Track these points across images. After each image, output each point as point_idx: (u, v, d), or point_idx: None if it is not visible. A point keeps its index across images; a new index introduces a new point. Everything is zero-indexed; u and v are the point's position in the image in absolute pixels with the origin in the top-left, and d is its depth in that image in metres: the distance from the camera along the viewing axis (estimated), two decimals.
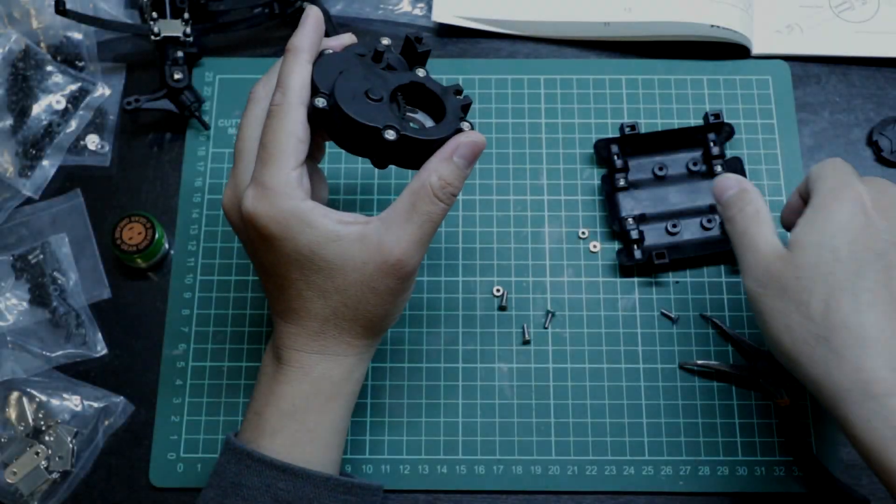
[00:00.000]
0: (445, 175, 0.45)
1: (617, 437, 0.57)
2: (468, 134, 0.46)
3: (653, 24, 0.66)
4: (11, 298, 0.61)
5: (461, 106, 0.48)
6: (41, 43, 0.68)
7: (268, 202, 0.44)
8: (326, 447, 0.48)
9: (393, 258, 0.44)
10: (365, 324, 0.47)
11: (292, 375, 0.47)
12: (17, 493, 0.56)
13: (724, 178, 0.52)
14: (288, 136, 0.45)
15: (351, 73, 0.47)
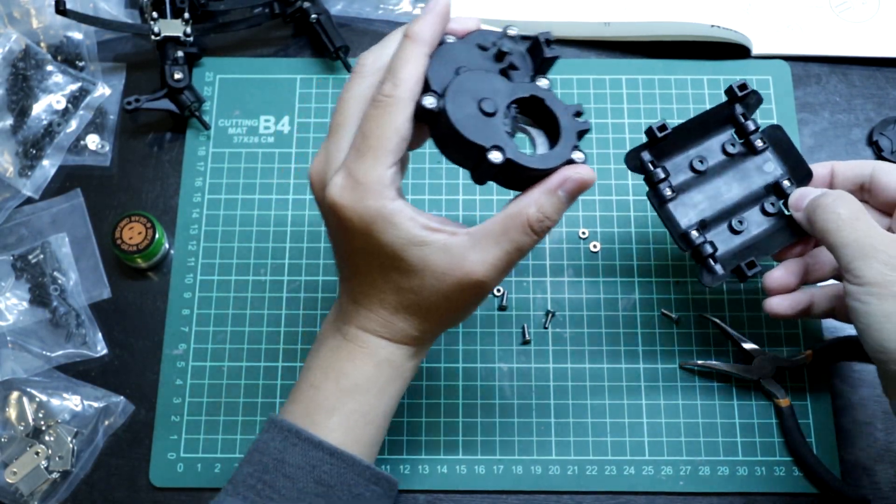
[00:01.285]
0: (546, 209, 0.43)
1: (617, 437, 0.57)
2: (578, 168, 0.43)
3: (653, 25, 0.66)
4: (11, 298, 0.61)
5: (578, 131, 0.44)
6: (41, 43, 0.68)
7: (356, 196, 0.42)
8: (377, 430, 0.47)
9: (473, 277, 0.43)
10: (435, 321, 0.46)
11: (357, 354, 0.46)
12: (17, 492, 0.56)
13: (797, 191, 0.51)
14: (393, 132, 0.42)
15: (468, 76, 0.43)
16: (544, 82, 0.45)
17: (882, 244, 0.44)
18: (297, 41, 0.69)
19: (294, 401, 0.47)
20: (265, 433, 0.47)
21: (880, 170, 0.51)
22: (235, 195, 0.64)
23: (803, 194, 0.50)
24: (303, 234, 0.63)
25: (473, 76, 0.43)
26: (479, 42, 0.45)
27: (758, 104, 0.55)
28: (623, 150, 0.64)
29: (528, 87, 0.44)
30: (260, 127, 0.66)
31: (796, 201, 0.51)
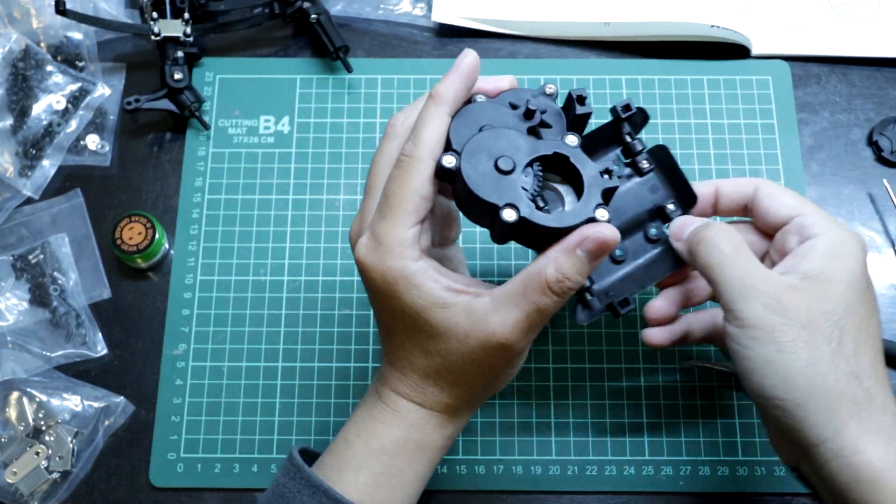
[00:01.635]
0: (565, 269, 0.41)
1: (617, 437, 0.57)
2: (598, 227, 0.41)
3: (653, 25, 0.66)
4: (11, 298, 0.61)
5: (603, 189, 0.42)
6: (41, 43, 0.68)
7: (378, 256, 0.42)
8: (406, 495, 0.47)
9: (495, 340, 0.42)
10: (466, 388, 0.45)
11: (388, 417, 0.46)
12: (17, 493, 0.56)
13: (678, 219, 0.48)
14: (412, 192, 0.42)
15: (489, 135, 0.42)
16: (572, 139, 0.43)
17: (763, 285, 0.42)
18: (297, 41, 0.69)
19: (328, 453, 0.48)
20: (293, 480, 0.46)
21: (763, 192, 0.48)
22: (235, 195, 0.64)
23: (685, 223, 0.47)
24: (303, 234, 0.63)
25: (493, 134, 0.42)
26: (512, 101, 0.45)
27: (644, 122, 0.50)
28: None
29: (552, 144, 0.43)
30: (260, 127, 0.66)
31: (678, 231, 0.48)
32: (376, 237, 0.42)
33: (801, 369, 0.41)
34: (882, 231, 0.62)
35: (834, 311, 0.42)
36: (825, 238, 0.44)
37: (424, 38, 0.69)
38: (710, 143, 0.64)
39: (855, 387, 0.41)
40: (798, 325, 0.41)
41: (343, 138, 0.65)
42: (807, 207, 0.46)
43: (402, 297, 0.42)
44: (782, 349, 0.41)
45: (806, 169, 0.64)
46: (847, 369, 0.41)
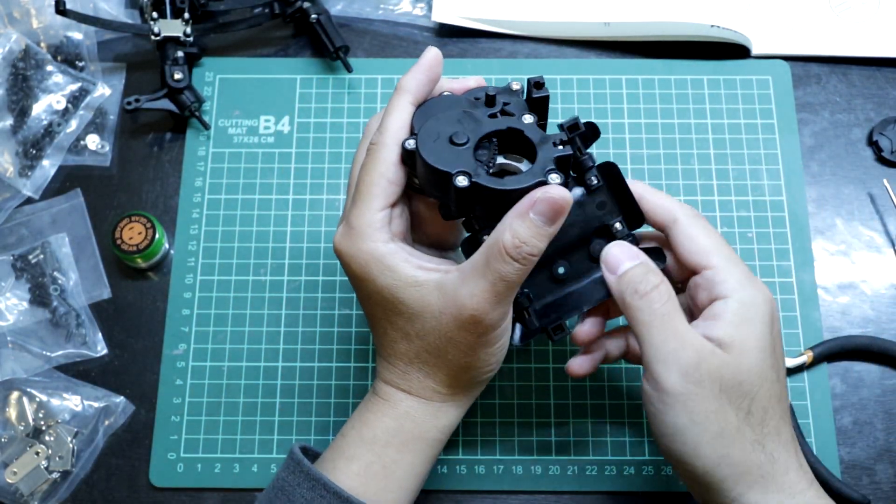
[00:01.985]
0: (520, 233, 0.41)
1: (617, 437, 0.57)
2: (548, 188, 0.41)
3: (653, 25, 0.66)
4: (11, 298, 0.61)
5: (556, 157, 0.43)
6: (41, 43, 0.68)
7: (351, 241, 0.44)
8: (400, 488, 0.47)
9: (466, 312, 0.43)
10: (449, 372, 0.46)
11: (379, 406, 0.47)
12: (17, 492, 0.56)
13: (614, 247, 0.46)
14: (379, 176, 0.44)
15: (446, 115, 0.44)
16: (528, 118, 0.45)
17: (685, 351, 0.42)
18: (297, 41, 0.69)
19: (328, 448, 0.49)
20: (292, 475, 0.47)
21: (681, 229, 0.47)
22: (235, 195, 0.64)
23: (619, 257, 0.46)
24: (303, 234, 0.63)
25: (450, 115, 0.45)
26: (477, 95, 0.47)
27: (595, 137, 0.47)
28: (623, 150, 0.64)
29: (506, 121, 0.45)
30: (260, 127, 0.66)
31: (613, 262, 0.46)
32: (349, 223, 0.45)
33: (710, 440, 0.42)
34: (882, 231, 0.62)
35: (747, 380, 0.43)
36: (734, 301, 0.44)
37: (424, 38, 0.69)
38: (710, 143, 0.64)
39: (759, 453, 0.43)
40: (711, 395, 0.42)
41: (343, 138, 0.65)
42: (719, 259, 0.46)
43: (376, 279, 0.44)
44: (694, 420, 0.42)
45: (806, 169, 0.64)
46: (752, 437, 0.43)
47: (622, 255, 0.46)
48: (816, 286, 0.60)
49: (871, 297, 0.60)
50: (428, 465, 0.49)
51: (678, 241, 0.47)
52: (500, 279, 0.42)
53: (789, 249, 0.61)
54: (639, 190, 0.48)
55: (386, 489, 0.46)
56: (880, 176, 0.63)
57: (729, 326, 0.44)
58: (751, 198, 0.63)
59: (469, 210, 0.44)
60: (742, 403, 0.43)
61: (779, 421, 0.44)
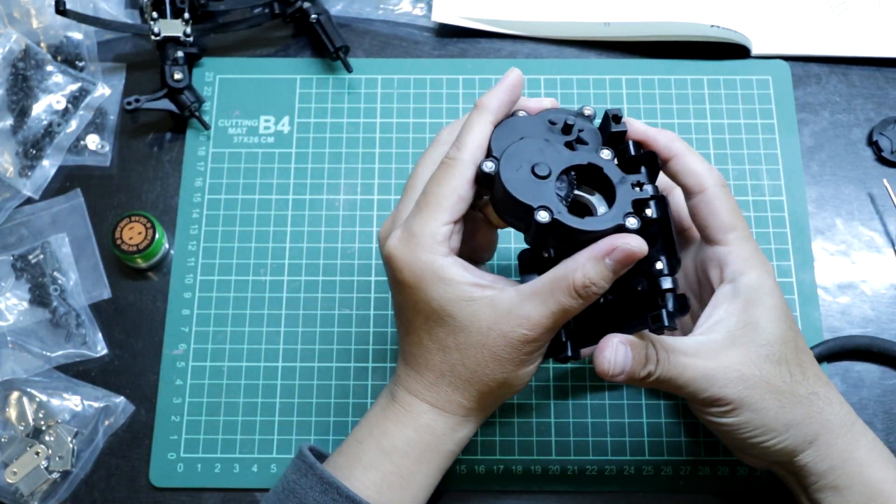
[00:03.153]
0: (591, 275, 0.42)
1: (617, 437, 0.57)
2: (628, 238, 0.41)
3: (653, 25, 0.66)
4: (11, 298, 0.61)
5: (634, 200, 0.43)
6: (41, 43, 0.68)
7: (408, 249, 0.44)
8: (414, 497, 0.47)
9: (519, 331, 0.43)
10: (480, 388, 0.46)
11: (400, 416, 0.47)
12: (17, 492, 0.56)
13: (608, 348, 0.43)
14: (451, 191, 0.44)
15: (528, 143, 0.44)
16: (606, 153, 0.45)
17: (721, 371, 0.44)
18: (297, 41, 0.69)
19: (339, 452, 0.48)
20: (304, 476, 0.47)
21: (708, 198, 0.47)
22: (235, 195, 0.64)
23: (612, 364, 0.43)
24: (303, 234, 0.63)
25: (531, 143, 0.44)
26: (551, 118, 0.46)
27: (658, 170, 0.47)
28: None
29: (587, 155, 0.44)
30: (260, 127, 0.66)
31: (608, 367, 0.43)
32: (410, 230, 0.44)
33: (774, 416, 0.45)
34: (882, 231, 0.62)
35: (776, 351, 0.45)
36: (744, 285, 0.46)
37: (424, 38, 0.69)
38: (710, 143, 0.64)
39: (817, 401, 0.46)
40: (756, 382, 0.45)
41: (343, 138, 0.65)
42: (734, 237, 0.47)
43: (429, 290, 0.44)
44: (755, 409, 0.45)
45: (806, 169, 0.64)
46: (805, 391, 0.46)
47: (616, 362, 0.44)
48: (816, 286, 0.61)
49: (871, 297, 0.60)
50: (440, 476, 0.49)
51: (701, 210, 0.47)
52: (561, 310, 0.43)
53: (789, 249, 0.61)
54: (675, 148, 0.47)
55: (401, 499, 0.47)
56: (880, 176, 0.63)
57: (742, 312, 0.46)
58: (751, 198, 0.63)
59: (543, 241, 0.44)
60: (781, 370, 0.45)
61: (811, 364, 0.47)
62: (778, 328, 0.46)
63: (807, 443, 0.46)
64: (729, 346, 0.45)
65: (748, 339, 0.45)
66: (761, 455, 0.47)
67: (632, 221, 0.42)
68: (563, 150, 0.44)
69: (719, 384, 0.44)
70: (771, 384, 0.45)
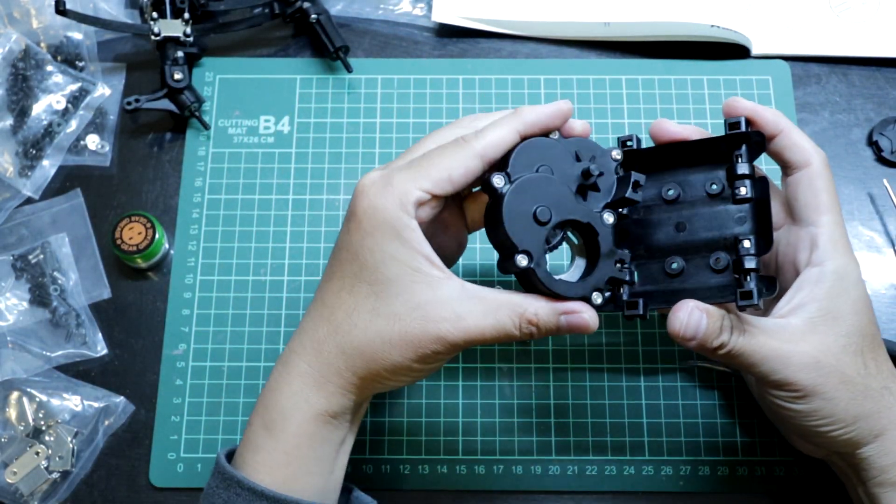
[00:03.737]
0: (541, 320, 0.43)
1: (617, 437, 0.57)
2: (585, 313, 0.44)
3: (653, 25, 0.66)
4: (11, 298, 0.61)
5: (610, 277, 0.46)
6: (41, 43, 0.68)
7: (381, 192, 0.43)
8: (310, 473, 0.45)
9: (439, 327, 0.42)
10: (369, 365, 0.44)
11: (277, 381, 0.46)
12: (17, 492, 0.56)
13: (682, 310, 0.43)
14: (446, 166, 0.43)
15: (544, 181, 0.44)
16: (609, 218, 0.46)
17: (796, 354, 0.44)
18: (297, 41, 0.69)
19: (241, 441, 0.47)
20: (212, 476, 0.46)
21: (810, 176, 0.47)
22: (235, 195, 0.64)
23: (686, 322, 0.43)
24: (303, 234, 0.63)
25: (547, 181, 0.45)
26: (578, 149, 0.46)
27: (759, 150, 0.47)
28: None
29: (591, 214, 0.46)
30: (260, 127, 0.66)
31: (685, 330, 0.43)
32: (390, 178, 0.43)
33: (844, 407, 0.45)
34: (882, 231, 0.62)
35: (849, 342, 0.45)
36: (830, 272, 0.46)
37: (424, 38, 0.69)
38: None
39: (889, 396, 0.46)
40: (831, 371, 0.44)
41: (343, 138, 0.65)
42: (828, 220, 0.46)
43: (380, 241, 0.43)
44: (826, 398, 0.45)
45: None
46: (878, 385, 0.46)
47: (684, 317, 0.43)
48: None
49: (871, 297, 0.60)
50: (334, 448, 0.46)
51: (802, 186, 0.47)
52: (493, 329, 0.43)
53: None
54: (782, 124, 0.47)
55: (294, 476, 0.45)
56: (880, 176, 0.63)
57: (825, 299, 0.45)
58: None
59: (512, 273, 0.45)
60: (857, 361, 0.45)
61: (886, 360, 0.47)
62: (859, 320, 0.45)
63: (872, 436, 0.46)
64: (808, 331, 0.45)
65: (828, 328, 0.45)
66: (824, 444, 0.47)
67: (596, 296, 0.45)
68: (571, 199, 0.45)
69: (794, 368, 0.44)
70: (845, 375, 0.44)
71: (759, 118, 0.47)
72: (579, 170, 0.46)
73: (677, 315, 0.43)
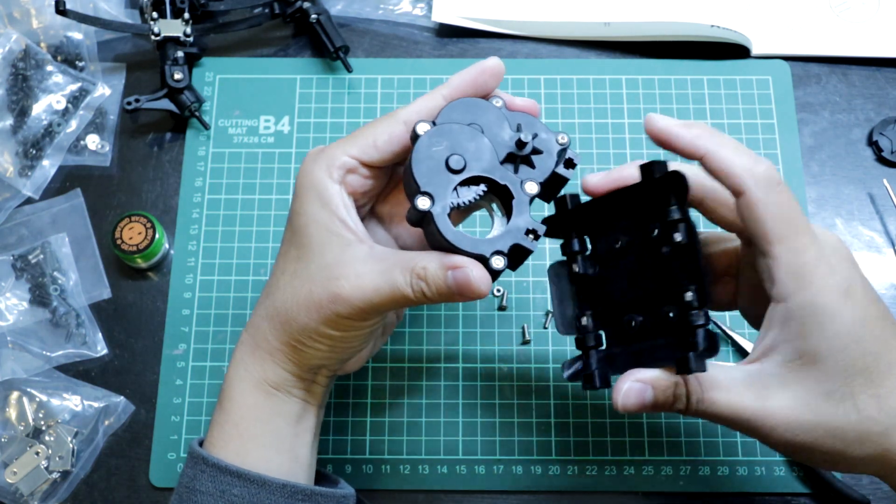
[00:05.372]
0: (429, 273, 0.41)
1: (617, 437, 0.57)
2: (476, 270, 0.40)
3: (653, 25, 0.66)
4: (11, 298, 0.61)
5: (514, 244, 0.41)
6: (41, 43, 0.68)
7: (313, 161, 0.45)
8: (260, 445, 0.46)
9: (337, 286, 0.42)
10: (289, 331, 0.44)
11: (232, 361, 0.47)
12: (17, 492, 0.56)
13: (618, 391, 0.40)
14: (370, 133, 0.44)
15: (467, 131, 0.42)
16: (532, 187, 0.42)
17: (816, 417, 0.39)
18: (297, 41, 0.69)
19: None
20: (186, 466, 0.47)
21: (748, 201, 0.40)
22: (235, 195, 0.64)
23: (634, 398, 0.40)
24: None
25: (471, 134, 0.42)
26: (522, 123, 0.43)
27: (683, 192, 0.39)
28: (623, 151, 0.64)
29: (510, 178, 0.42)
30: (260, 127, 0.66)
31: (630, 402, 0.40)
32: (324, 148, 0.45)
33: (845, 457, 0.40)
34: (882, 231, 0.62)
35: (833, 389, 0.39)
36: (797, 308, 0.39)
37: (424, 38, 0.69)
38: None
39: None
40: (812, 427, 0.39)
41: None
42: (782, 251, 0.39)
43: (305, 203, 0.44)
44: (819, 453, 0.40)
45: (806, 169, 0.64)
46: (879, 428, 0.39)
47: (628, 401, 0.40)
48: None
49: None
50: (288, 424, 0.47)
51: (743, 216, 0.40)
52: (388, 288, 0.42)
53: None
54: (703, 146, 0.41)
55: (245, 450, 0.46)
56: (880, 176, 0.63)
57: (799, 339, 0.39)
58: None
59: (419, 224, 0.43)
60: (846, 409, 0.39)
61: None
62: (846, 357, 0.38)
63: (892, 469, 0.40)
64: (780, 383, 0.39)
65: (804, 374, 0.39)
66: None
67: (497, 260, 0.41)
68: (494, 159, 0.42)
69: (765, 429, 0.39)
70: (830, 428, 0.39)
71: (675, 141, 0.42)
72: (514, 138, 0.43)
73: (617, 387, 0.40)
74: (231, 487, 0.44)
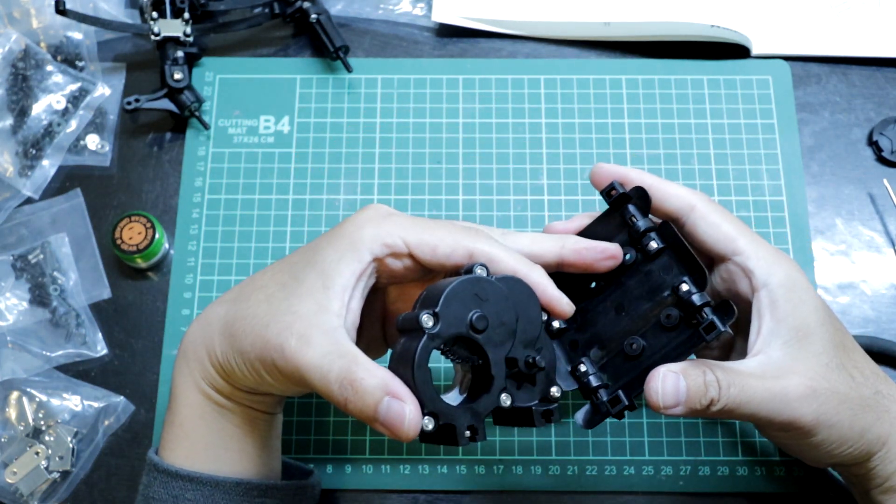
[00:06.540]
0: (362, 386, 0.38)
1: (617, 437, 0.57)
2: (409, 406, 0.37)
3: (653, 24, 0.66)
4: (11, 298, 0.61)
5: (451, 425, 0.40)
6: (41, 43, 0.68)
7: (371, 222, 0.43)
8: (207, 446, 0.45)
9: (285, 337, 0.40)
10: (231, 348, 0.43)
11: (177, 359, 0.47)
12: (17, 492, 0.56)
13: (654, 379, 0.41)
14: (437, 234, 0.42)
15: (512, 314, 0.41)
16: (506, 400, 0.41)
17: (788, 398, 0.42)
18: (297, 41, 0.69)
19: None
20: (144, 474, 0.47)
21: (701, 214, 0.45)
22: (235, 195, 0.64)
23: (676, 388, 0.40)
24: (303, 234, 0.63)
25: (512, 311, 0.41)
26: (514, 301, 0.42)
27: (648, 202, 0.45)
28: (623, 150, 0.64)
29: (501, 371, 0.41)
30: (260, 127, 0.66)
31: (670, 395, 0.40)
32: (389, 214, 0.43)
33: (849, 426, 0.43)
34: (882, 231, 0.62)
35: (830, 359, 0.43)
36: (778, 286, 0.43)
37: (424, 38, 0.69)
38: (710, 143, 0.64)
39: (882, 399, 0.44)
40: (828, 396, 0.42)
41: (343, 138, 0.65)
42: (745, 242, 0.44)
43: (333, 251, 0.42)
44: (831, 424, 0.42)
45: (806, 169, 0.64)
46: (869, 392, 0.44)
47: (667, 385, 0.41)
48: (816, 286, 0.61)
49: (871, 297, 0.60)
50: (232, 429, 0.45)
51: (700, 229, 0.45)
52: (321, 374, 0.38)
53: (789, 249, 0.61)
54: (648, 180, 0.46)
55: (193, 453, 0.45)
56: (880, 176, 0.63)
57: (789, 318, 0.43)
58: (751, 198, 0.63)
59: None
60: (844, 377, 0.43)
61: (867, 362, 0.45)
62: (827, 331, 0.43)
63: (880, 444, 0.44)
64: (791, 359, 0.42)
65: (805, 349, 0.42)
66: (834, 462, 0.46)
67: (428, 421, 0.38)
68: (506, 350, 0.41)
69: (794, 404, 0.41)
70: (840, 394, 0.42)
71: (625, 179, 0.46)
72: (526, 356, 0.42)
73: (650, 386, 0.40)
74: (184, 492, 0.44)
